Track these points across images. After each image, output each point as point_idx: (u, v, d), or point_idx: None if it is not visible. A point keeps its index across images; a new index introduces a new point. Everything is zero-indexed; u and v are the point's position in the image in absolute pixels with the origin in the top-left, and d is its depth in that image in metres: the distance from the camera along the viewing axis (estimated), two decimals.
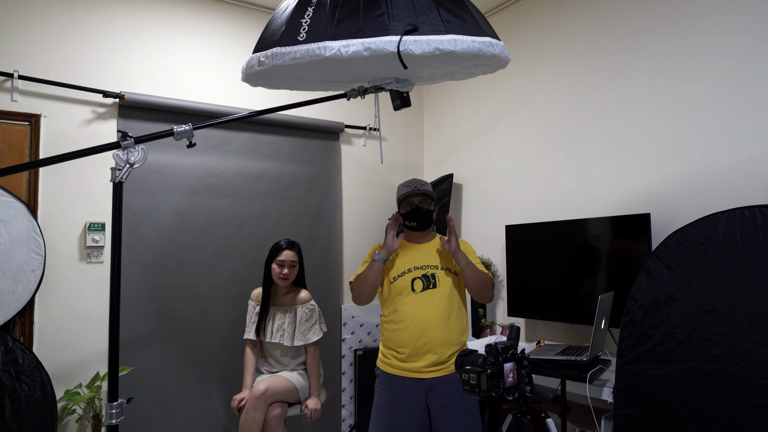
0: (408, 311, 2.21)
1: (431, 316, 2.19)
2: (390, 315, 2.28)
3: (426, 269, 2.27)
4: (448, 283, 2.25)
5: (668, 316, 1.89)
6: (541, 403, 1.66)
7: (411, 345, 2.18)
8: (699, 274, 1.86)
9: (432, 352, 2.17)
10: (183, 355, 2.96)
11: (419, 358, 2.18)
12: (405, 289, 2.24)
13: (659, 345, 1.90)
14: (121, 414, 1.66)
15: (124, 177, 1.66)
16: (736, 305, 1.76)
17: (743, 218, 1.79)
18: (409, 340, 2.19)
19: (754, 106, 2.24)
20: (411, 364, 2.20)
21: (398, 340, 2.22)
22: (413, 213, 2.27)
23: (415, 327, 2.19)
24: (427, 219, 2.29)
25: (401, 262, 2.30)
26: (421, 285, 2.25)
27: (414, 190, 2.26)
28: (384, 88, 1.83)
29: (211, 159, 3.14)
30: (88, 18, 2.85)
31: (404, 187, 2.30)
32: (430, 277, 2.25)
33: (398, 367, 2.22)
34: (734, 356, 1.73)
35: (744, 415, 1.68)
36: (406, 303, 2.23)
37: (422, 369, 2.18)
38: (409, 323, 2.20)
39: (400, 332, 2.22)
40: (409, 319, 2.20)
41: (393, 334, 2.25)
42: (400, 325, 2.22)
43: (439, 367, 2.19)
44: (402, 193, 2.30)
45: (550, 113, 3.12)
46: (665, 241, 1.96)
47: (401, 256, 2.31)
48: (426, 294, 2.23)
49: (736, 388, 1.71)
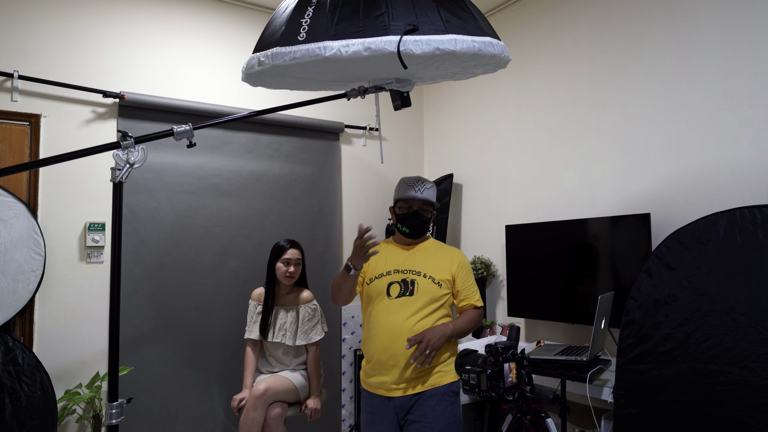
0: (379, 318, 2.01)
1: (399, 326, 1.96)
2: (365, 321, 2.11)
3: (407, 274, 2.06)
4: (428, 292, 2.02)
5: (668, 316, 1.89)
6: (541, 403, 1.66)
7: (377, 356, 1.99)
8: (699, 274, 1.86)
9: (398, 366, 1.94)
10: (183, 355, 2.96)
11: (385, 372, 1.97)
12: (380, 293, 2.04)
13: (659, 345, 1.90)
14: (121, 414, 1.66)
15: (124, 177, 1.66)
16: (736, 305, 1.76)
17: (743, 218, 1.79)
18: (375, 351, 2.00)
19: (753, 106, 2.24)
20: (376, 378, 2.00)
21: (367, 350, 2.05)
22: (409, 218, 2.09)
23: (382, 336, 1.98)
24: (423, 228, 2.11)
25: (382, 263, 2.10)
26: (398, 290, 2.03)
27: (416, 194, 2.08)
28: (384, 88, 1.83)
29: (211, 159, 3.14)
30: (88, 18, 2.85)
31: (406, 186, 2.11)
32: (408, 283, 2.03)
33: (367, 383, 2.07)
34: (734, 356, 1.73)
35: (744, 415, 1.68)
36: (379, 309, 2.02)
37: (390, 386, 1.98)
38: (377, 332, 2.00)
39: (369, 342, 2.03)
40: (377, 326, 2.00)
41: (365, 343, 2.07)
42: (369, 333, 2.04)
43: (405, 386, 1.97)
44: (403, 193, 2.11)
45: (550, 113, 3.12)
46: (665, 241, 1.96)
47: (383, 255, 2.12)
48: (400, 301, 2.01)
49: (736, 388, 1.71)
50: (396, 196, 2.15)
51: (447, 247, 2.20)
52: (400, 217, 2.11)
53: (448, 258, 2.13)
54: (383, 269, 2.08)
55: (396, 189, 2.17)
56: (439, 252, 2.16)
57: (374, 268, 2.10)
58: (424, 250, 2.15)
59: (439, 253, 2.15)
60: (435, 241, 2.22)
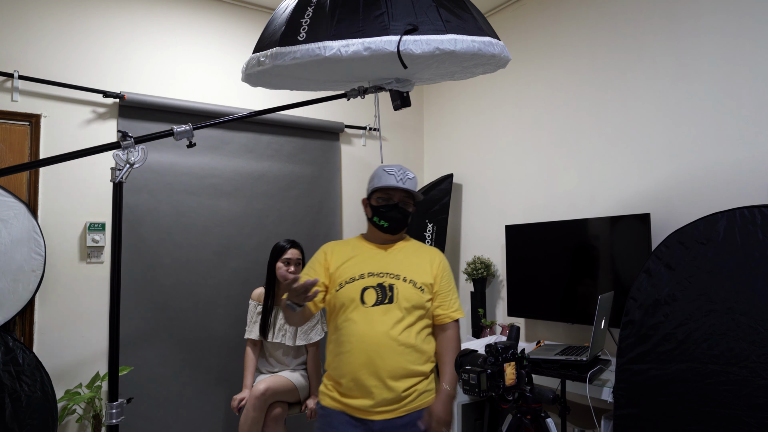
0: (353, 330, 1.73)
1: (380, 339, 1.70)
2: (332, 333, 1.82)
3: (383, 277, 1.79)
4: (410, 299, 1.77)
5: (668, 316, 1.89)
6: (541, 403, 1.66)
7: (352, 375, 1.71)
8: (699, 274, 1.86)
9: (379, 386, 1.69)
10: (183, 355, 2.96)
11: (365, 394, 1.70)
12: (353, 300, 1.75)
13: (659, 345, 1.90)
14: (121, 414, 1.66)
15: (124, 177, 1.66)
16: (735, 305, 1.76)
17: (743, 218, 1.79)
18: (350, 369, 1.71)
19: (753, 107, 2.24)
20: (355, 401, 1.71)
21: (339, 368, 1.74)
22: (389, 211, 1.84)
23: (359, 351, 1.71)
24: (403, 222, 1.88)
25: (353, 265, 1.82)
26: (374, 297, 1.76)
27: (398, 184, 1.83)
28: (384, 88, 1.83)
29: (211, 159, 3.14)
30: (88, 18, 2.85)
31: (386, 175, 1.86)
32: (386, 288, 1.77)
33: (339, 401, 1.75)
34: (734, 356, 1.73)
35: (744, 415, 1.68)
36: (352, 319, 1.74)
37: (370, 408, 1.70)
38: (352, 347, 1.72)
39: (342, 358, 1.73)
40: (352, 340, 1.72)
41: (334, 360, 1.77)
42: (341, 348, 1.74)
43: (391, 408, 1.71)
44: (381, 182, 1.85)
45: (550, 113, 3.12)
46: (665, 241, 1.96)
47: (355, 256, 1.85)
48: (379, 310, 1.74)
49: (736, 388, 1.71)
50: (373, 185, 1.88)
51: (425, 246, 1.99)
52: (378, 210, 1.85)
53: (428, 258, 1.90)
54: (355, 272, 1.80)
55: (372, 178, 1.90)
56: (419, 252, 1.92)
57: (344, 271, 1.81)
58: (403, 249, 1.90)
59: (419, 253, 1.92)
60: (412, 239, 1.99)
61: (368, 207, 1.92)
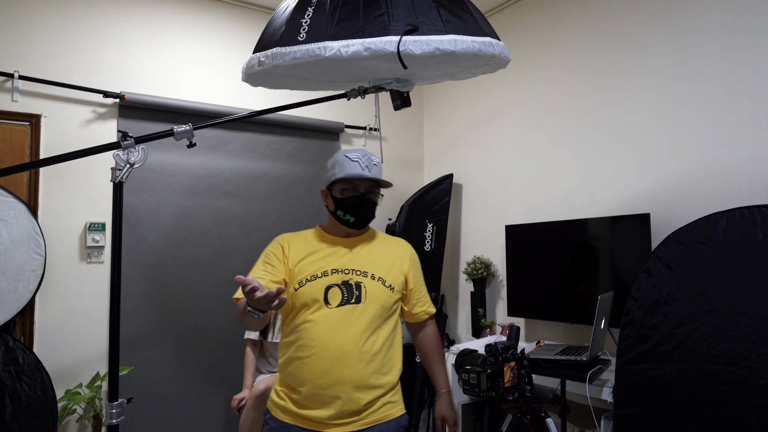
0: (315, 333, 1.55)
1: (346, 344, 1.54)
2: (289, 335, 1.62)
3: (349, 274, 1.61)
4: (379, 299, 1.61)
5: (668, 316, 1.89)
6: (540, 403, 1.66)
7: (312, 383, 1.54)
8: (699, 274, 1.86)
9: (341, 397, 1.53)
10: (183, 355, 2.96)
11: (323, 405, 1.53)
12: (315, 300, 1.57)
13: (659, 345, 1.90)
14: (121, 414, 1.66)
15: (124, 177, 1.66)
16: (735, 305, 1.76)
17: (743, 218, 1.80)
18: (310, 377, 1.54)
19: (753, 107, 2.24)
20: (311, 412, 1.54)
21: (297, 375, 1.57)
22: (355, 204, 1.66)
23: (321, 358, 1.53)
24: (370, 215, 1.71)
25: (315, 261, 1.63)
26: (339, 297, 1.58)
27: (364, 173, 1.64)
28: (384, 88, 1.84)
29: (211, 159, 3.14)
30: (89, 18, 2.85)
31: (348, 162, 1.66)
32: (353, 287, 1.60)
33: (294, 413, 1.57)
34: (734, 356, 1.73)
35: (744, 415, 1.68)
36: (315, 321, 1.56)
37: (327, 420, 1.53)
38: (314, 352, 1.54)
39: (301, 364, 1.56)
40: (314, 345, 1.54)
41: (291, 366, 1.59)
42: (301, 353, 1.56)
43: (352, 420, 1.55)
44: (345, 171, 1.65)
45: (550, 113, 3.12)
46: (665, 241, 1.96)
47: (315, 251, 1.65)
48: (344, 310, 1.57)
49: (736, 388, 1.71)
50: (334, 174, 1.67)
51: (392, 238, 1.81)
52: (342, 203, 1.66)
53: (398, 252, 1.74)
54: (318, 269, 1.60)
55: (333, 165, 1.70)
56: (386, 246, 1.75)
57: (305, 267, 1.62)
58: (368, 243, 1.72)
59: (386, 247, 1.74)
60: (377, 231, 1.80)
61: (329, 198, 1.70)
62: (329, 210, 1.72)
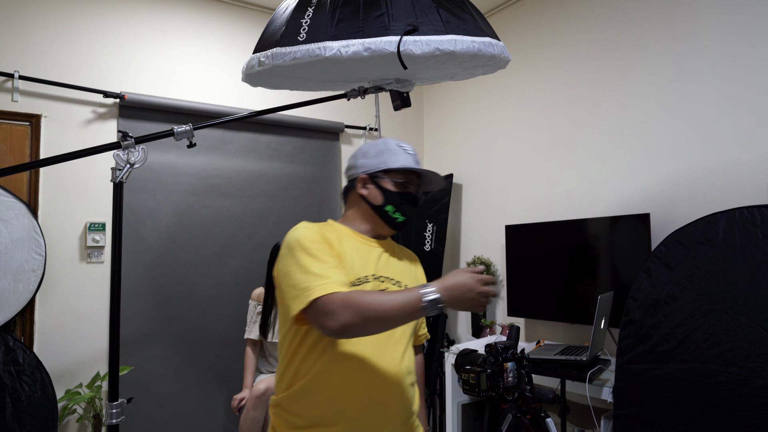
0: (357, 351, 1.22)
1: (392, 368, 1.25)
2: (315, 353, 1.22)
3: (385, 282, 1.33)
4: None
5: (668, 316, 1.89)
6: (540, 403, 1.66)
7: (349, 413, 1.20)
8: (698, 274, 1.86)
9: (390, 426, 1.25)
10: (183, 355, 2.96)
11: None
12: None
13: (659, 345, 1.90)
14: (121, 414, 1.66)
15: (124, 177, 1.66)
16: (735, 305, 1.76)
17: (743, 218, 1.80)
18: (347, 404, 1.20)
19: (754, 107, 2.24)
20: None
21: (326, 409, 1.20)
22: (410, 202, 1.39)
23: (364, 382, 1.22)
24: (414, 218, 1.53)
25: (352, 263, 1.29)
26: None
27: (418, 167, 1.40)
28: (384, 88, 1.84)
29: (211, 159, 3.14)
30: (89, 18, 2.85)
31: (403, 152, 1.39)
32: None
33: None
34: (734, 356, 1.73)
35: (744, 415, 1.68)
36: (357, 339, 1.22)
37: None
38: (356, 374, 1.21)
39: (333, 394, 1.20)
40: (356, 365, 1.21)
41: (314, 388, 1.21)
42: (333, 380, 1.20)
43: None
44: (402, 161, 1.37)
45: (550, 113, 3.12)
46: (665, 241, 1.96)
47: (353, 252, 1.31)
48: None
49: (736, 387, 1.71)
50: (387, 163, 1.37)
51: (401, 246, 1.57)
52: (395, 198, 1.36)
53: (413, 261, 1.52)
54: (357, 273, 1.28)
55: (382, 152, 1.39)
56: (403, 254, 1.51)
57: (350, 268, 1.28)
58: (390, 248, 1.45)
59: (404, 255, 1.50)
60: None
61: (378, 190, 1.36)
62: (370, 203, 1.37)
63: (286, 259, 1.22)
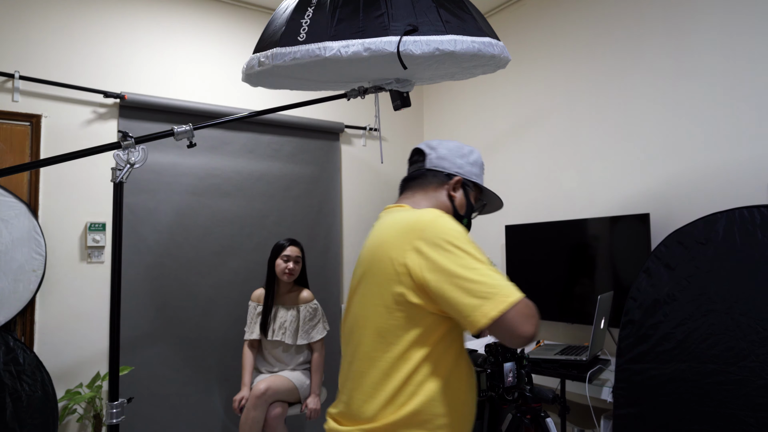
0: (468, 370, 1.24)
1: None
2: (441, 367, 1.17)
3: None
4: None
5: (667, 316, 1.90)
6: (540, 403, 1.66)
7: (470, 416, 1.23)
8: (698, 274, 1.86)
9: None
10: (183, 354, 2.96)
11: None
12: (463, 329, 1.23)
13: (658, 345, 1.90)
14: (121, 413, 1.66)
15: (124, 177, 1.67)
16: (735, 305, 1.76)
17: (742, 218, 1.80)
18: (466, 423, 1.21)
19: (753, 106, 2.24)
20: None
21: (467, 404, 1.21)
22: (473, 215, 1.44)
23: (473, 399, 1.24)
24: None
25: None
26: None
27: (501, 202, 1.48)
28: (384, 88, 1.84)
29: (211, 159, 3.14)
30: (89, 18, 2.85)
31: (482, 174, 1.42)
32: None
33: None
34: (733, 356, 1.73)
35: (743, 415, 1.68)
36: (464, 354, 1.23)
37: None
38: (471, 392, 1.23)
39: (462, 412, 1.19)
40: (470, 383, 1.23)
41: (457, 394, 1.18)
42: (459, 396, 1.18)
43: None
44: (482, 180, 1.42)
45: (550, 113, 3.12)
46: (665, 241, 1.96)
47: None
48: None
49: (736, 387, 1.71)
50: (481, 178, 1.40)
51: None
52: (470, 213, 1.39)
53: None
54: None
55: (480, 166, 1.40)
56: None
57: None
58: None
59: None
60: None
61: (465, 199, 1.36)
62: (455, 206, 1.34)
63: (452, 256, 1.09)
